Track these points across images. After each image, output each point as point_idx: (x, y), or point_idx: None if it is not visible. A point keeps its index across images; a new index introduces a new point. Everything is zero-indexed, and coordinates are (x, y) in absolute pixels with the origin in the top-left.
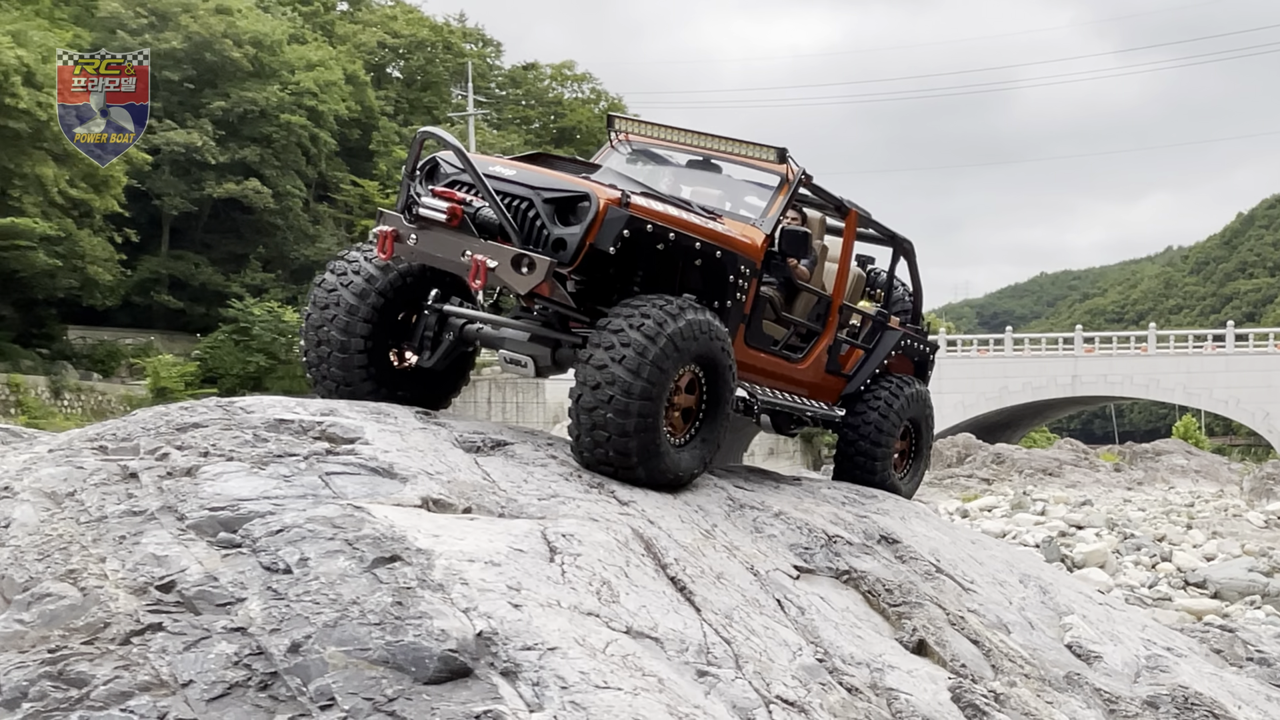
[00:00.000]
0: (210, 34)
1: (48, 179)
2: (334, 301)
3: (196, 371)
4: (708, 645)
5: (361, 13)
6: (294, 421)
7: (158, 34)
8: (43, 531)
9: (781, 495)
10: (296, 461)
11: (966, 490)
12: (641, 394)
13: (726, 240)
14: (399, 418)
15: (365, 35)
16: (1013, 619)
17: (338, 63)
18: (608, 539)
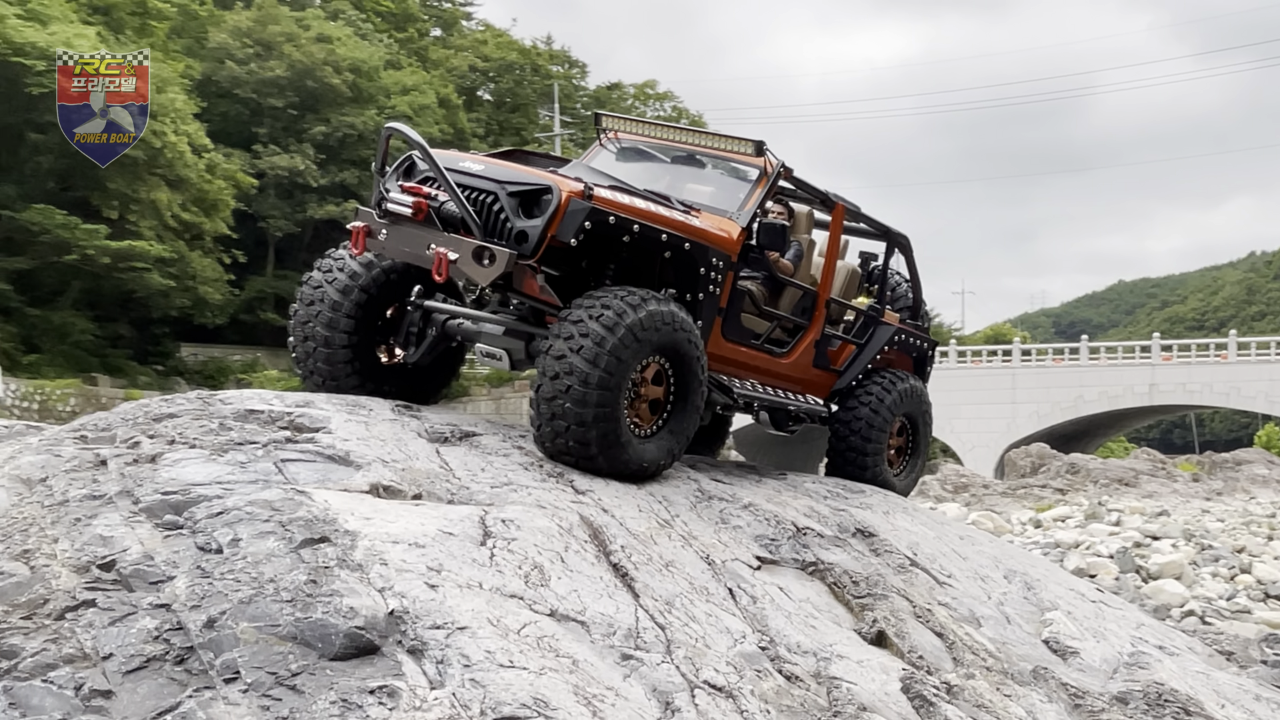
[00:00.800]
0: (312, 62)
1: (162, 204)
2: (319, 298)
3: (300, 385)
4: (639, 630)
5: (454, 38)
6: (264, 412)
7: (263, 63)
8: (10, 515)
9: (757, 488)
10: (255, 449)
11: (1040, 501)
12: (599, 384)
13: (696, 232)
14: (373, 409)
15: (457, 59)
16: (987, 613)
17: (431, 87)
18: (549, 525)
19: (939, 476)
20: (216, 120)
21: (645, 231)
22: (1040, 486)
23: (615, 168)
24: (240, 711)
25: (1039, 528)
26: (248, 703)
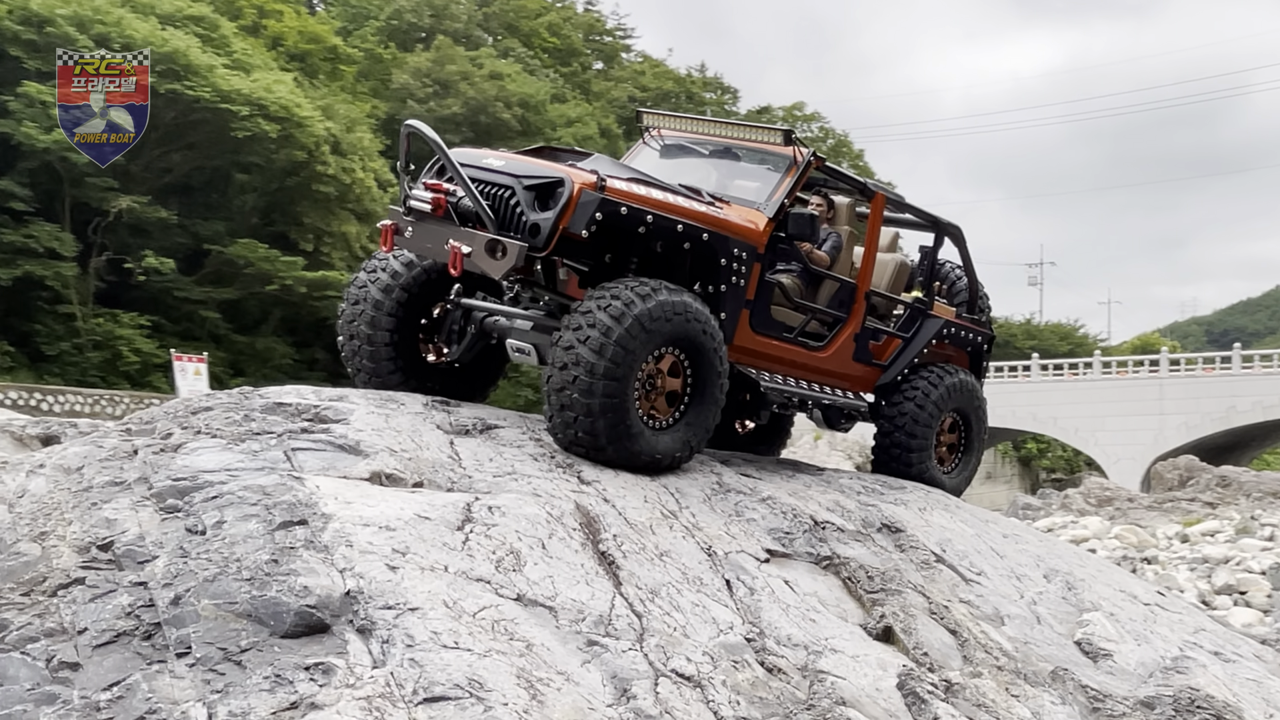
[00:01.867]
0: (484, 98)
1: (351, 236)
2: (362, 298)
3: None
4: (611, 617)
5: (614, 69)
6: (292, 405)
7: (440, 101)
8: (42, 500)
9: (784, 483)
10: (269, 438)
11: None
12: (606, 374)
13: (715, 223)
14: (404, 404)
15: (617, 90)
16: (1015, 612)
17: (593, 118)
18: (538, 512)
19: (1082, 490)
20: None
21: (660, 222)
22: (1188, 500)
23: (657, 164)
24: (184, 685)
25: (1185, 542)
26: (192, 677)
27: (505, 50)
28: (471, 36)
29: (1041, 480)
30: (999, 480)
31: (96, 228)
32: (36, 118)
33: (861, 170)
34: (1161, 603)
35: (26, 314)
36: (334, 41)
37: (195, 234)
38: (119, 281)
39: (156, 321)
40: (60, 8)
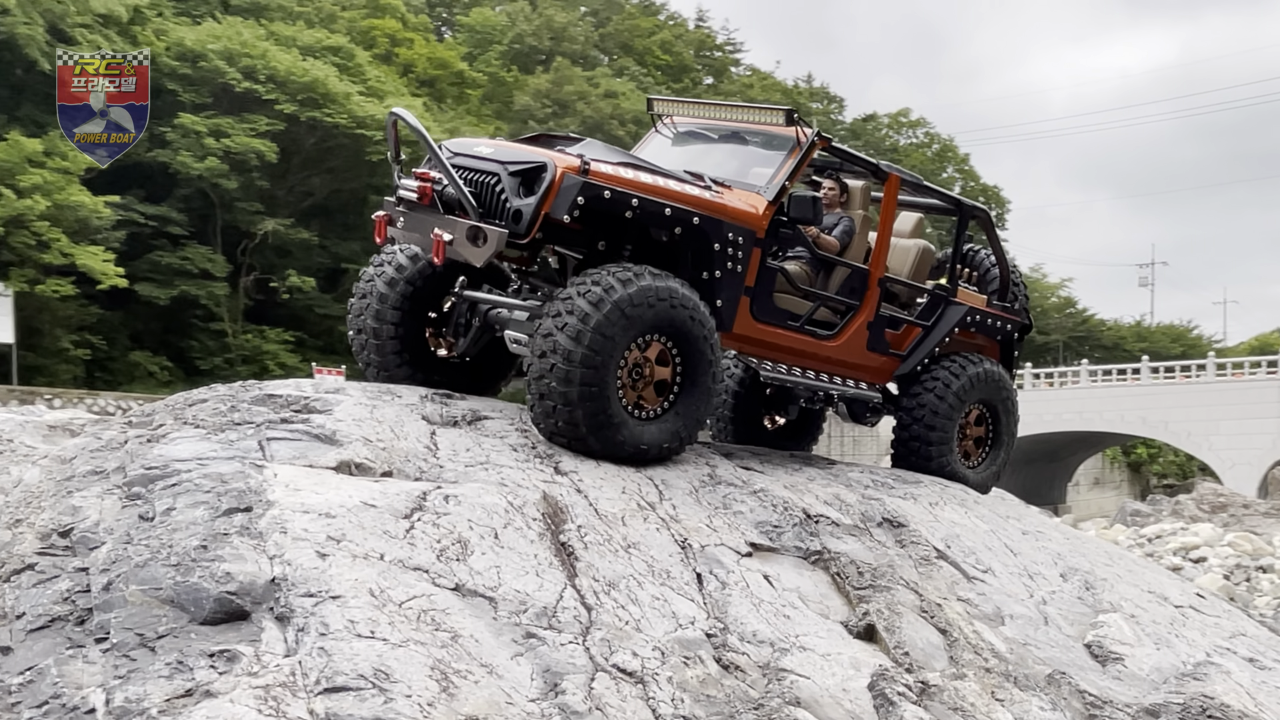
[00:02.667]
0: (600, 116)
1: None
2: (368, 291)
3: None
4: (557, 609)
5: (724, 83)
6: (282, 396)
7: (559, 120)
8: (32, 489)
9: (783, 476)
10: (248, 428)
11: None
12: (583, 361)
13: (706, 206)
14: (400, 396)
15: None
16: (1020, 611)
17: None
18: (497, 502)
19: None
20: None
21: (647, 206)
22: None
23: (669, 151)
24: (94, 670)
25: None
26: (104, 662)
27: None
28: (588, 57)
29: (1152, 486)
30: (1107, 486)
31: (245, 249)
32: (191, 147)
33: (966, 175)
34: (1198, 605)
35: (183, 331)
36: (460, 66)
37: (334, 253)
38: (265, 299)
39: (299, 336)
40: (212, 43)
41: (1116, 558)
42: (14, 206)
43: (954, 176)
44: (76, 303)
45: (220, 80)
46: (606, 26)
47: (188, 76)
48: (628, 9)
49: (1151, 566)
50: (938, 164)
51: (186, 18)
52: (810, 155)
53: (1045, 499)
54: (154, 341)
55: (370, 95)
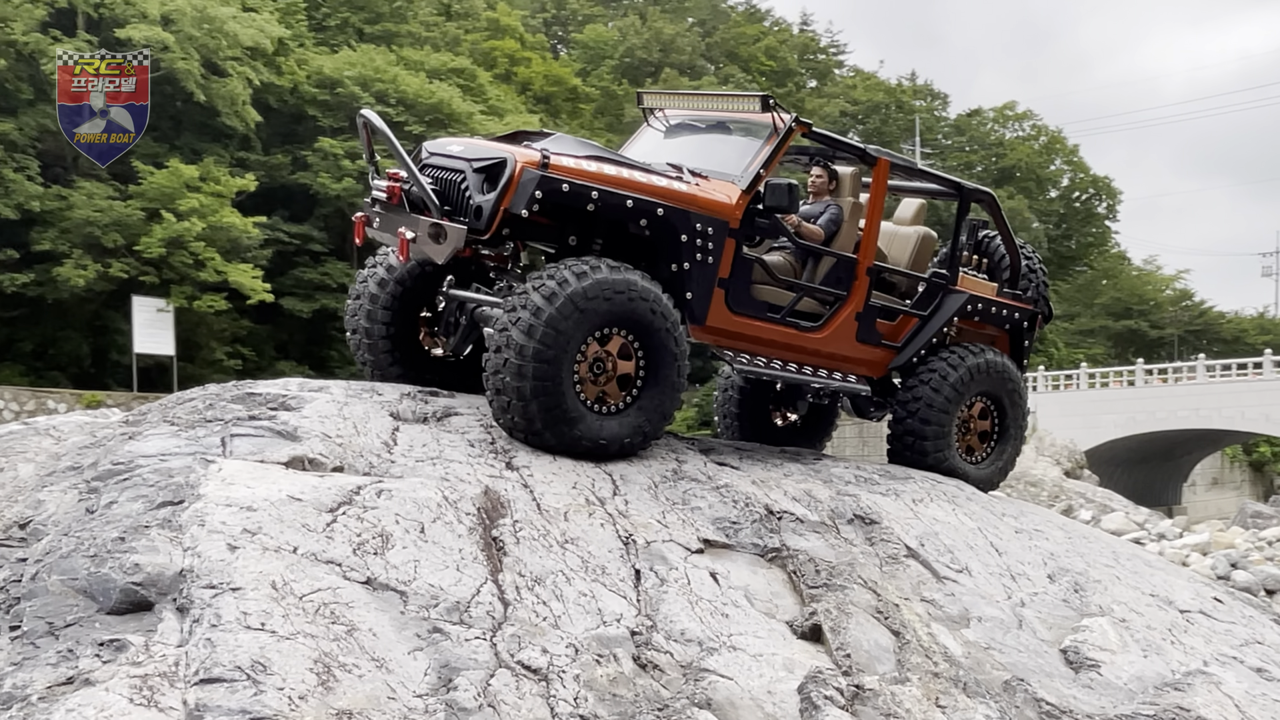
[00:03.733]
0: None
1: None
2: (361, 292)
3: (695, 417)
4: (471, 604)
5: (827, 86)
6: (261, 395)
7: None
8: (20, 484)
9: (757, 471)
10: (216, 425)
11: None
12: (535, 356)
13: (674, 197)
14: (380, 394)
15: (829, 106)
16: (992, 614)
17: None
18: (432, 496)
19: None
20: None
21: (608, 199)
22: None
23: (660, 144)
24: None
25: None
26: (10, 650)
27: (725, 77)
28: (695, 66)
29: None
30: (1226, 486)
31: None
32: (329, 169)
33: (1076, 166)
34: (1211, 609)
35: (323, 342)
36: (574, 83)
37: None
38: None
39: None
40: (348, 70)
41: (1124, 558)
42: (174, 229)
43: (1062, 169)
44: (229, 317)
45: (355, 105)
46: (713, 36)
47: (326, 103)
48: (734, 17)
49: (1167, 568)
50: (1045, 156)
51: (325, 47)
52: (788, 142)
53: (1158, 500)
54: (298, 351)
55: (490, 114)
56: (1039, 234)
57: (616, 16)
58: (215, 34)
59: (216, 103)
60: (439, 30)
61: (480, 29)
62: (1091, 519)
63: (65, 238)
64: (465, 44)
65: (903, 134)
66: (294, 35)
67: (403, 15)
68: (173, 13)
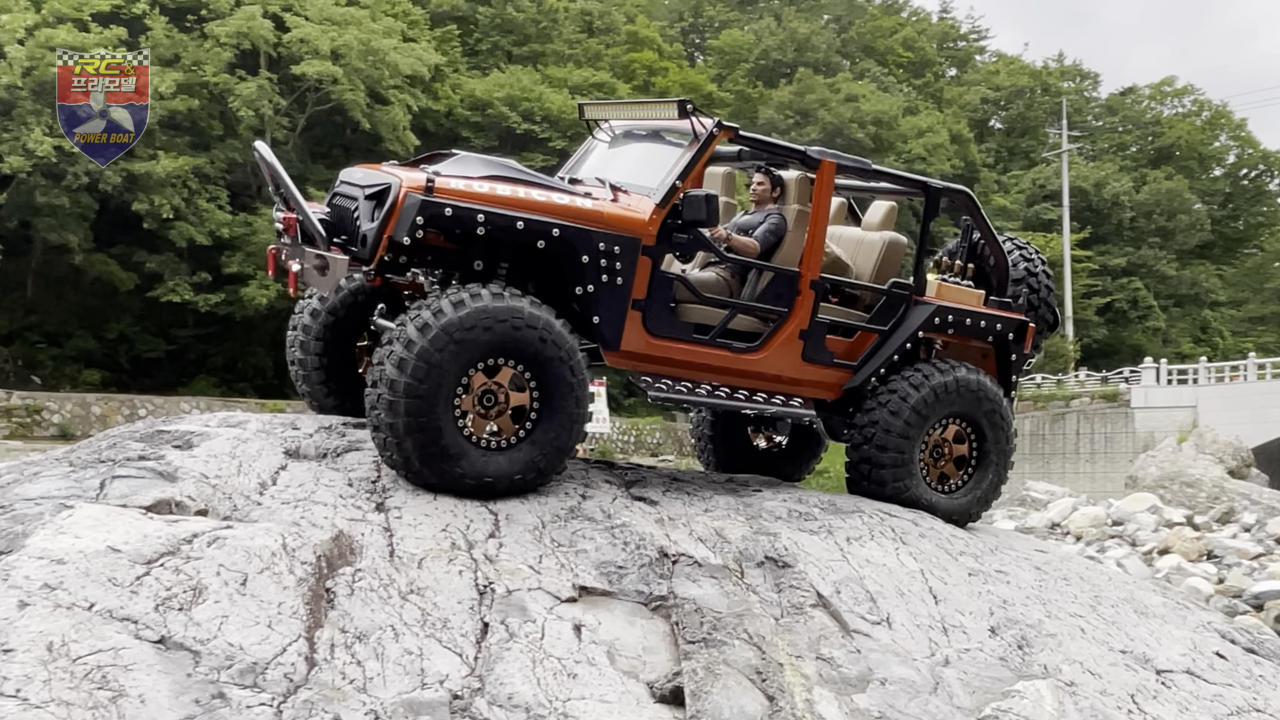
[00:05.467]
0: (840, 121)
1: None
2: (296, 324)
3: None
4: (269, 666)
5: (968, 73)
6: (169, 432)
7: (800, 130)
8: None
9: (673, 507)
10: (103, 466)
11: None
12: (407, 391)
13: (571, 215)
14: (300, 428)
15: (970, 94)
16: (902, 674)
17: (944, 125)
18: (269, 545)
19: None
20: None
21: (494, 220)
22: None
23: (604, 156)
24: None
25: None
26: None
27: (861, 72)
28: (830, 63)
29: None
30: None
31: None
32: None
33: (1244, 141)
34: (1204, 669)
35: None
36: (709, 88)
37: None
38: None
39: None
40: (497, 91)
41: (1110, 604)
42: None
43: (1227, 145)
44: None
45: (504, 124)
46: (849, 31)
47: (478, 124)
48: (870, 10)
49: (1171, 615)
50: (1208, 133)
51: (478, 71)
52: (709, 149)
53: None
54: None
55: None
56: (1201, 216)
57: (752, 20)
58: (378, 65)
59: (380, 129)
60: (581, 47)
61: (620, 42)
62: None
63: (250, 260)
64: (606, 58)
65: (1049, 117)
66: (449, 62)
67: (548, 35)
68: (341, 48)
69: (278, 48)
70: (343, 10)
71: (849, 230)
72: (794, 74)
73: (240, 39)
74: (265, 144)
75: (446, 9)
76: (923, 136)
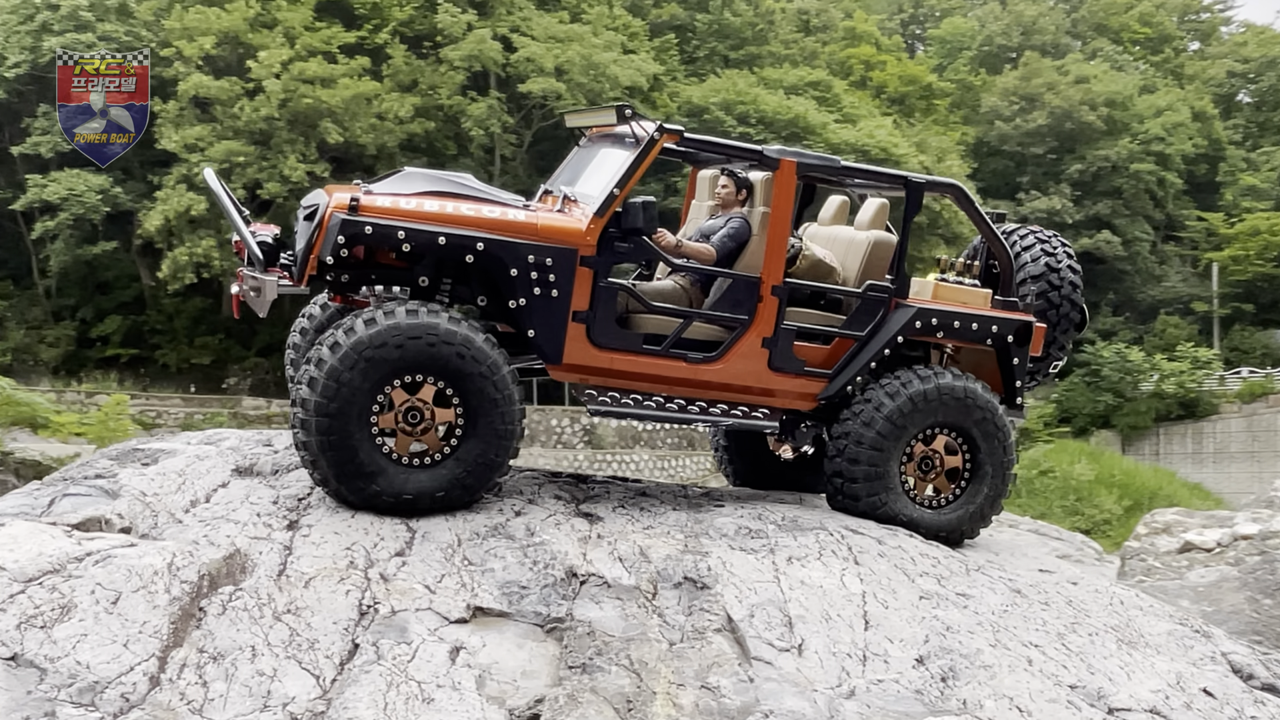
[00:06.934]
0: (1069, 105)
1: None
2: (291, 343)
3: (1054, 413)
4: (110, 685)
5: (1211, 46)
6: (143, 450)
7: (1026, 116)
8: None
9: (612, 522)
10: (63, 483)
11: None
12: (318, 410)
13: (494, 228)
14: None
15: (1214, 69)
16: (794, 706)
17: (1185, 103)
18: (153, 564)
19: None
20: (987, 177)
21: (415, 237)
22: None
23: (578, 166)
24: None
25: None
26: None
27: (1093, 52)
28: (1059, 45)
29: None
30: None
31: None
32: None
33: None
34: (1174, 709)
35: None
36: (929, 80)
37: None
38: None
39: None
40: (713, 96)
41: (1089, 633)
42: None
43: None
44: None
45: (719, 129)
46: (1079, 10)
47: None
48: None
49: (1165, 646)
50: None
51: (695, 77)
52: (650, 155)
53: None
54: None
55: (844, 122)
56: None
57: (975, 6)
58: (599, 78)
59: None
60: (797, 46)
61: (837, 39)
62: None
63: None
64: (823, 56)
65: None
66: (667, 70)
67: (764, 37)
68: (565, 64)
69: (506, 68)
70: (566, 28)
71: (843, 230)
72: (1019, 58)
73: (471, 61)
74: (212, 170)
75: (665, 19)
76: (1160, 116)
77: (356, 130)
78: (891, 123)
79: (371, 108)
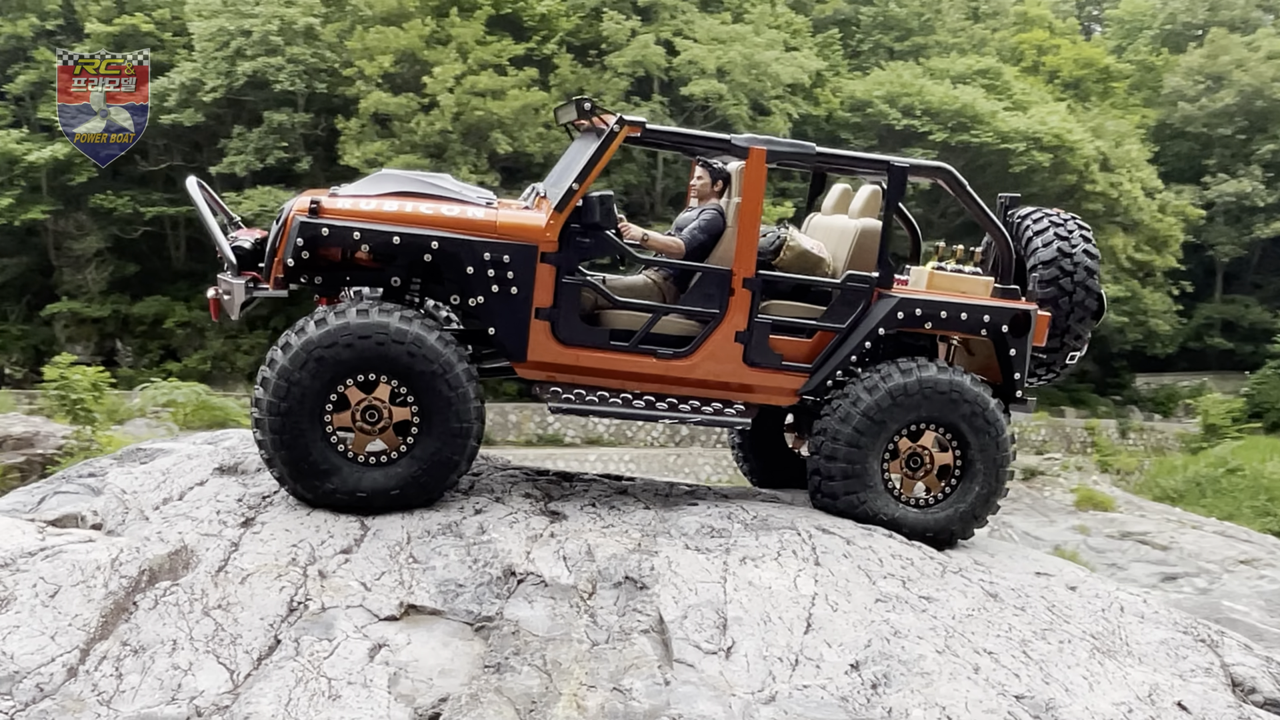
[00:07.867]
0: (1260, 82)
1: (1118, 248)
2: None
3: (1243, 407)
4: (28, 676)
5: None
6: (144, 449)
7: (1212, 95)
8: None
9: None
10: (59, 481)
11: None
12: (269, 409)
13: (449, 226)
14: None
15: None
16: (706, 711)
17: None
18: (99, 559)
19: None
20: (1170, 160)
21: (369, 237)
22: None
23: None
24: None
25: None
26: None
27: None
28: (1249, 20)
29: None
30: None
31: None
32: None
33: None
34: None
35: None
36: (1105, 62)
37: None
38: None
39: None
40: (876, 90)
41: (1052, 639)
42: None
43: None
44: None
45: (884, 122)
46: None
47: (858, 125)
48: None
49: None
50: None
51: (859, 72)
52: (610, 148)
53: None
54: None
55: (1014, 109)
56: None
57: None
58: (761, 77)
59: None
60: (965, 35)
61: (1008, 25)
62: None
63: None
64: (992, 43)
65: None
66: (830, 66)
67: (930, 27)
68: (726, 64)
69: (668, 71)
70: (728, 29)
71: (836, 219)
72: (1205, 35)
73: (635, 67)
74: (196, 179)
75: (829, 14)
76: None
77: (525, 139)
78: (1065, 108)
79: (539, 117)
